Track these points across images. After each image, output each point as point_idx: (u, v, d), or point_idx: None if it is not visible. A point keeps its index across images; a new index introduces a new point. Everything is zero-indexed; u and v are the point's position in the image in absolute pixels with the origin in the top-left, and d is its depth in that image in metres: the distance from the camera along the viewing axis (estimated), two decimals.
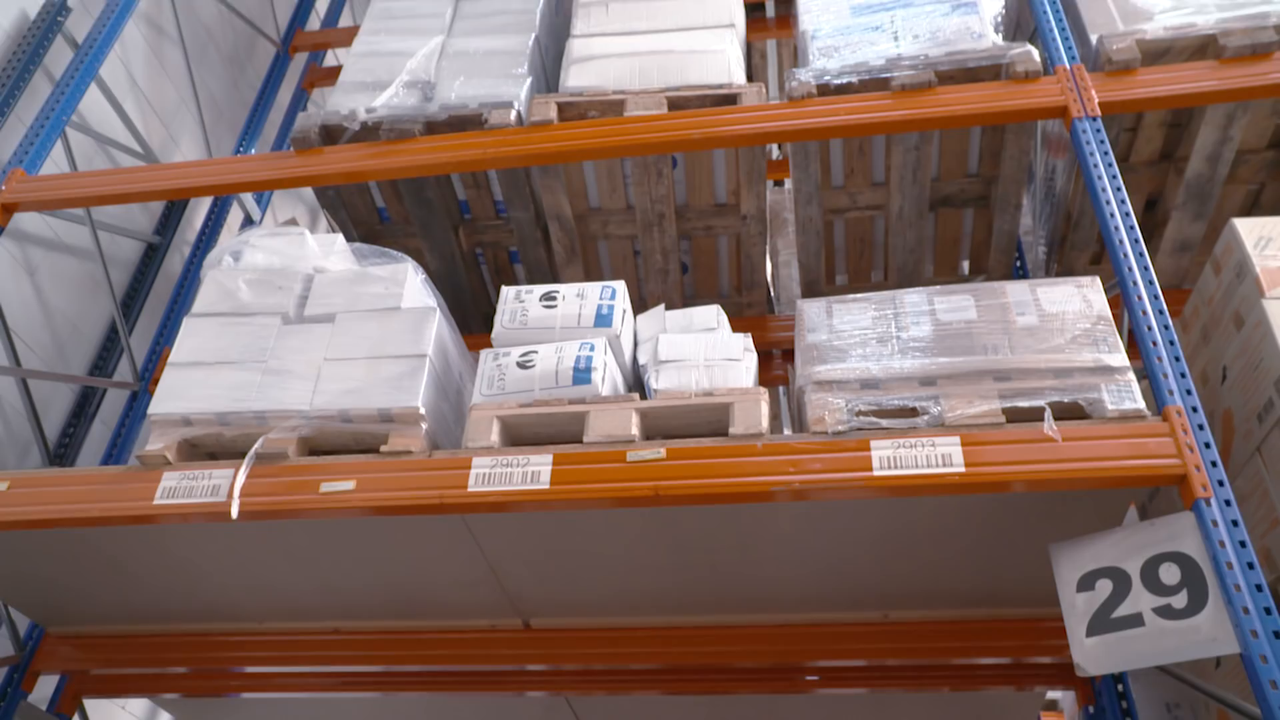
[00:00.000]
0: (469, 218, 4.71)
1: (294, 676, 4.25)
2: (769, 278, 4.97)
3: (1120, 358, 2.86)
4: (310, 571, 3.65)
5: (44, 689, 4.28)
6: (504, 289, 3.55)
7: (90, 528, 3.31)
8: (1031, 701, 4.27)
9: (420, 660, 3.88)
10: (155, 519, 3.12)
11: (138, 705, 5.18)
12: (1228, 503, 2.49)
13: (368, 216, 4.81)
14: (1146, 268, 2.98)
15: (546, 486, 2.85)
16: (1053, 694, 6.63)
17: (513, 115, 4.00)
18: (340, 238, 3.85)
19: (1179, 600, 2.48)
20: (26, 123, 4.35)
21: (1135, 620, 2.52)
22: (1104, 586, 2.62)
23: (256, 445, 3.15)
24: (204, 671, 4.30)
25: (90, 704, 4.63)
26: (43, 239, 4.66)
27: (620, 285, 3.48)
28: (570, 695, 4.35)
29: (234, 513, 3.03)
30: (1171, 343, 2.81)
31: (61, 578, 3.80)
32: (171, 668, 4.18)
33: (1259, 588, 2.35)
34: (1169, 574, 2.52)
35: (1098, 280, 3.11)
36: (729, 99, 3.96)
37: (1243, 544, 2.42)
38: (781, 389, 5.19)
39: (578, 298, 3.43)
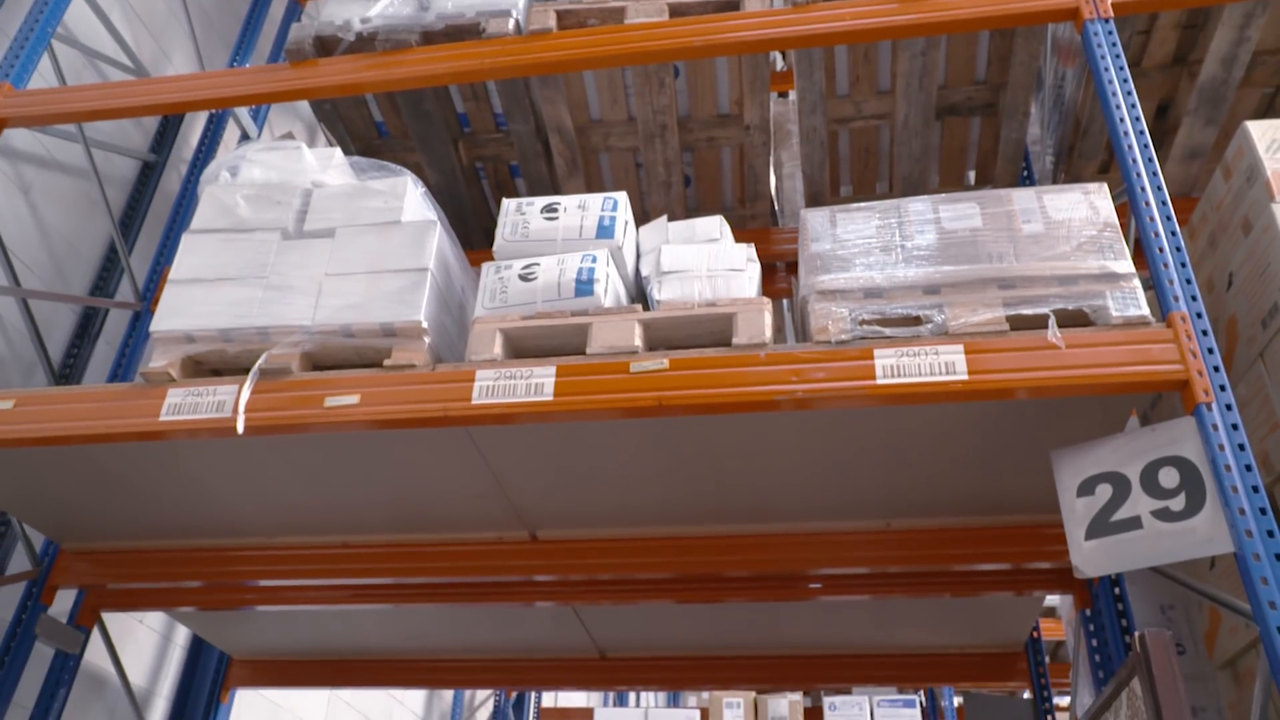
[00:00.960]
0: (468, 131, 4.64)
1: (305, 590, 4.34)
2: (772, 190, 4.91)
3: (1126, 264, 2.84)
4: (317, 486, 3.69)
5: (63, 603, 4.37)
6: (505, 201, 3.51)
7: (97, 445, 3.33)
8: (1030, 606, 4.36)
9: (428, 572, 3.94)
10: (161, 435, 3.14)
11: (155, 619, 5.29)
12: (1229, 407, 2.49)
13: (365, 131, 4.74)
14: (1155, 173, 2.94)
15: (550, 398, 2.86)
16: (1050, 600, 6.78)
17: (511, 24, 3.91)
18: (338, 151, 3.80)
19: (1177, 503, 2.50)
20: (10, 35, 4.26)
21: (1134, 523, 2.55)
22: (1104, 491, 2.65)
23: (260, 361, 3.16)
24: (217, 586, 4.38)
25: (109, 617, 4.74)
26: (35, 156, 4.60)
27: (622, 196, 3.44)
28: (577, 605, 4.44)
29: (239, 428, 3.04)
30: (1178, 248, 2.78)
31: (72, 495, 3.85)
32: (186, 582, 4.26)
33: (1255, 489, 2.37)
34: (1168, 478, 2.54)
35: (1105, 187, 3.06)
36: (731, 4, 3.86)
37: (1241, 447, 2.43)
38: (785, 302, 5.18)
39: (579, 209, 3.40)
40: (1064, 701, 8.37)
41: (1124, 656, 3.56)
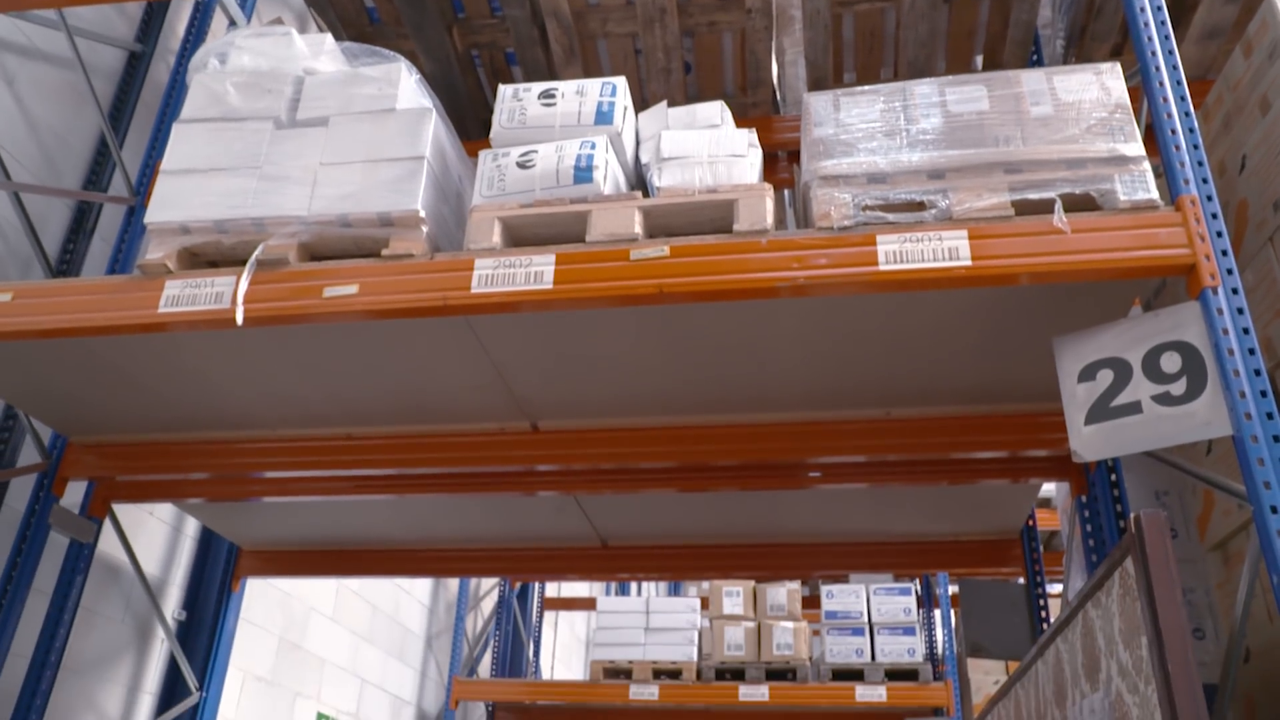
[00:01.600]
0: (463, 17, 4.51)
1: (310, 481, 4.40)
2: (774, 78, 4.79)
3: (1136, 147, 2.78)
4: (318, 378, 3.70)
5: (74, 495, 4.44)
6: (501, 87, 3.43)
7: (97, 338, 3.32)
8: (1026, 494, 4.42)
9: (431, 463, 3.99)
10: (160, 327, 3.13)
11: (165, 511, 5.39)
12: (1235, 291, 2.47)
13: (356, 17, 4.60)
14: (1171, 51, 2.85)
15: (550, 286, 2.84)
16: (1046, 490, 6.87)
17: None
18: (329, 37, 3.69)
19: (1178, 388, 2.51)
20: None
21: (1134, 408, 2.56)
22: (1105, 377, 2.65)
23: (257, 252, 3.13)
24: (224, 477, 4.44)
25: (120, 509, 4.82)
26: (16, 45, 4.48)
27: (620, 81, 3.36)
28: (579, 494, 4.50)
29: (238, 319, 3.03)
30: (1191, 130, 2.72)
31: (77, 389, 3.87)
32: (193, 474, 4.32)
33: (1257, 373, 2.37)
34: (1170, 363, 2.54)
35: (1118, 66, 2.98)
36: None
37: (1246, 331, 2.42)
38: (786, 193, 5.11)
39: (577, 95, 3.32)
40: (1057, 589, 8.59)
41: (1118, 542, 3.63)
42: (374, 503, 4.88)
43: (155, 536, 5.33)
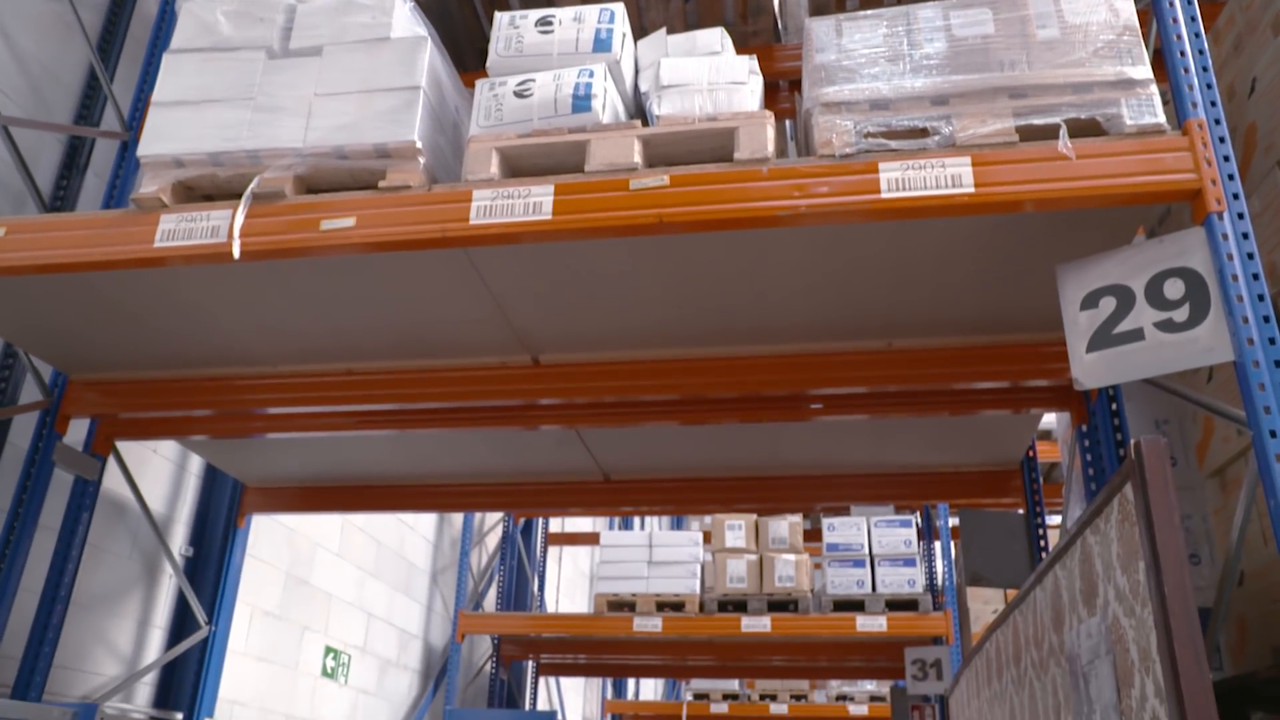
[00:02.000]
0: None
1: (312, 417, 4.41)
2: (775, 5, 4.69)
3: (1144, 70, 2.73)
4: (318, 313, 3.69)
5: (77, 433, 4.46)
6: (498, 15, 3.36)
7: (94, 273, 3.30)
8: (1026, 424, 4.43)
9: (432, 397, 3.99)
10: (157, 262, 3.11)
11: (169, 449, 5.42)
12: (1240, 215, 2.44)
13: None
14: None
15: (549, 217, 2.81)
16: (1046, 423, 6.89)
17: None
18: None
19: (1180, 314, 2.49)
20: None
21: (1136, 335, 2.55)
22: (1107, 304, 2.63)
23: (252, 185, 3.09)
24: (227, 414, 4.45)
25: (123, 447, 4.84)
26: None
27: (619, 7, 3.29)
28: (581, 428, 4.52)
29: (235, 252, 3.01)
30: (1201, 52, 2.67)
31: (75, 326, 3.86)
32: (195, 410, 4.33)
33: (1261, 298, 2.35)
34: (1173, 289, 2.52)
35: None
36: None
37: (1250, 256, 2.40)
38: (789, 123, 5.04)
39: (575, 22, 3.25)
40: (1056, 521, 8.66)
41: (1118, 469, 3.64)
42: (376, 438, 4.90)
43: (160, 474, 5.36)
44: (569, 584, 12.90)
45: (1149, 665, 2.21)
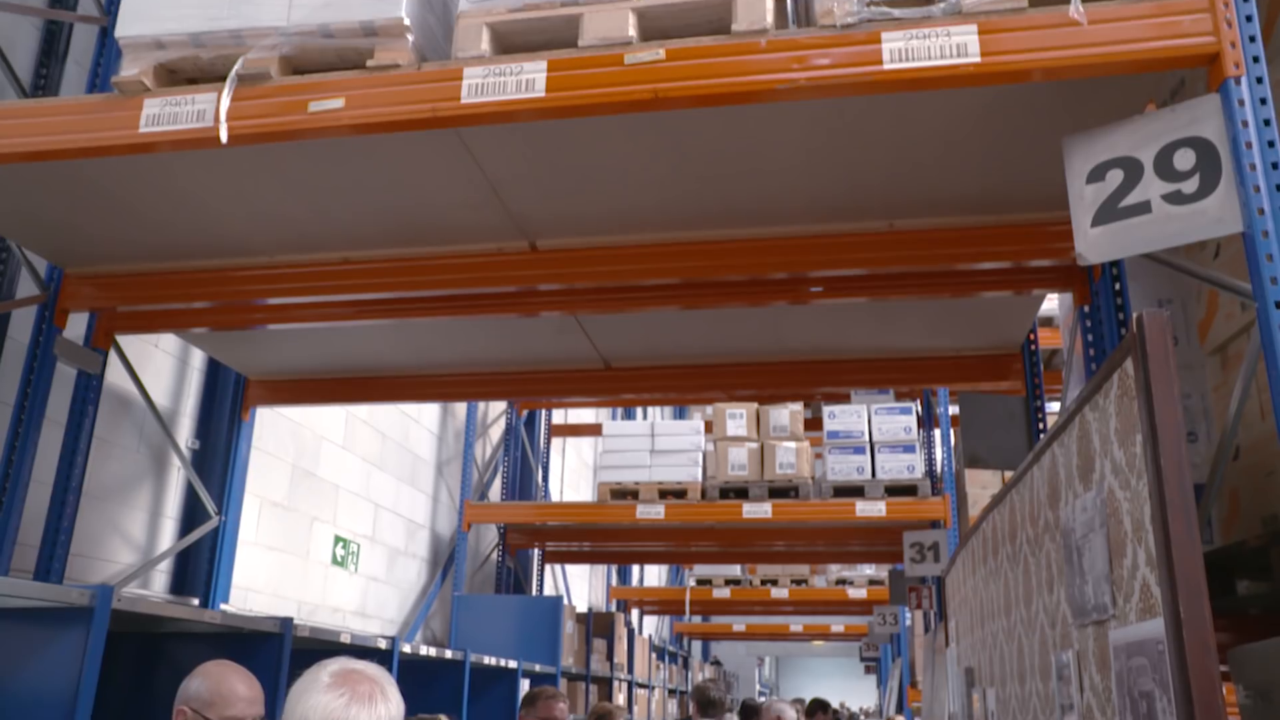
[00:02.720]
0: None
1: (310, 307, 4.39)
2: None
3: None
4: (311, 200, 3.64)
5: (77, 328, 4.45)
6: None
7: (80, 160, 3.23)
8: (1028, 306, 4.41)
9: (430, 285, 3.97)
10: (144, 148, 3.05)
11: (170, 343, 5.42)
12: (1259, 80, 2.37)
13: None
14: None
15: (542, 94, 2.73)
16: (1048, 310, 6.86)
17: None
18: None
19: (1189, 185, 2.44)
20: None
21: (1143, 208, 2.50)
22: (1114, 177, 2.58)
23: (237, 66, 3.00)
24: (225, 306, 4.43)
25: (124, 341, 4.84)
26: None
27: None
28: (581, 315, 4.50)
29: (223, 137, 2.94)
30: None
31: (67, 217, 3.81)
32: (193, 303, 4.31)
33: (1275, 166, 2.30)
34: (1183, 160, 2.46)
35: None
36: None
37: (1266, 123, 2.34)
38: None
39: None
40: (1055, 408, 8.72)
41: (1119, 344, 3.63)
42: (376, 328, 4.89)
43: (162, 368, 5.38)
44: (573, 475, 13.11)
45: (1141, 536, 2.23)
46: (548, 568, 10.86)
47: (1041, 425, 4.69)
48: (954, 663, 5.47)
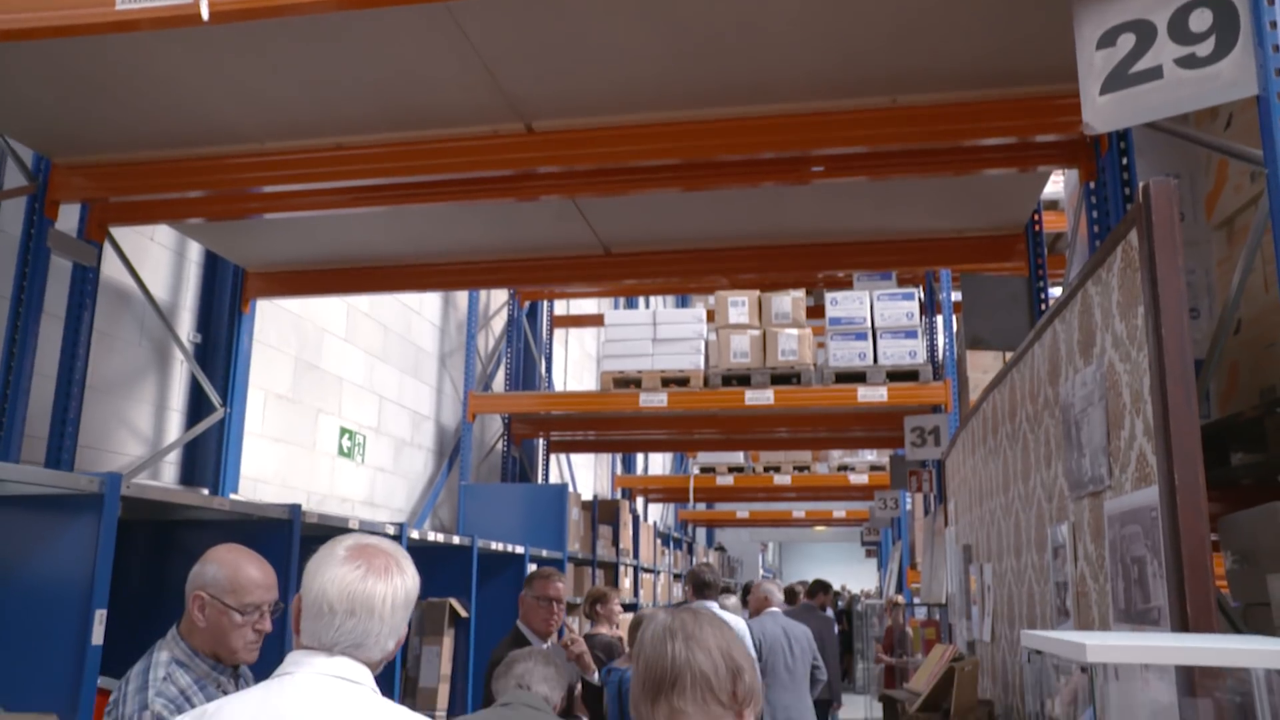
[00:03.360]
0: None
1: (304, 195, 4.33)
2: None
3: None
4: (300, 81, 3.54)
5: (69, 220, 4.40)
6: None
7: (61, 42, 3.14)
8: (1032, 185, 4.34)
9: (425, 170, 3.90)
10: (123, 26, 2.93)
11: (166, 237, 5.37)
12: None
13: None
14: None
15: None
16: (1052, 193, 6.76)
17: None
18: None
19: (1204, 48, 2.36)
20: None
21: (1154, 73, 2.43)
22: (1125, 41, 2.49)
23: None
24: (219, 195, 4.37)
25: (119, 234, 4.80)
26: None
27: None
28: (579, 198, 4.44)
29: (204, 13, 2.84)
30: None
31: (51, 105, 3.72)
32: (187, 192, 4.25)
33: None
34: (1199, 21, 2.37)
35: None
36: None
37: None
38: None
39: None
40: (1058, 293, 8.68)
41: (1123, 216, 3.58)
42: (373, 217, 4.84)
43: (160, 262, 5.35)
44: (576, 366, 13.17)
45: (1140, 406, 2.24)
46: (553, 458, 11.01)
47: (1044, 307, 4.67)
48: (953, 543, 5.58)
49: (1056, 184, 6.64)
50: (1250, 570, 2.54)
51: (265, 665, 1.96)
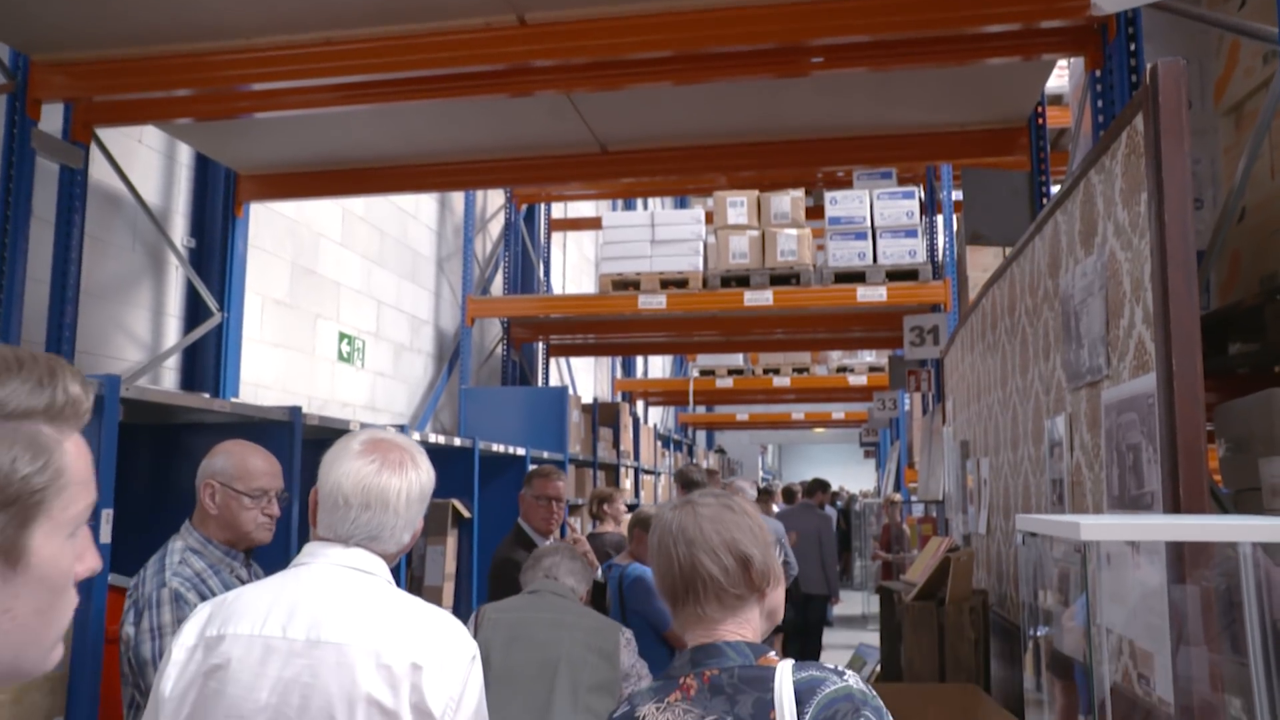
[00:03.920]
0: None
1: (295, 93, 4.24)
2: None
3: None
4: None
5: (53, 122, 4.32)
6: None
7: None
8: (1035, 75, 4.25)
9: (416, 65, 3.81)
10: None
11: (155, 139, 5.28)
12: None
13: None
14: None
15: None
16: (1056, 87, 6.63)
17: None
18: None
19: None
20: None
21: None
22: None
23: None
24: (208, 94, 4.28)
25: (107, 137, 4.71)
26: None
27: None
28: (574, 94, 4.35)
29: None
30: None
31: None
32: (174, 90, 4.16)
33: None
34: None
35: None
36: None
37: None
38: None
39: None
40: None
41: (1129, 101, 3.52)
42: (365, 116, 4.74)
43: (150, 166, 5.27)
44: (575, 271, 13.12)
45: (1140, 294, 2.23)
46: (553, 362, 11.05)
47: (1045, 202, 4.62)
48: (950, 440, 5.64)
49: (1061, 78, 6.50)
50: (1243, 457, 2.57)
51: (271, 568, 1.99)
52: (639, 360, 17.17)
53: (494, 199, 9.89)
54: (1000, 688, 3.73)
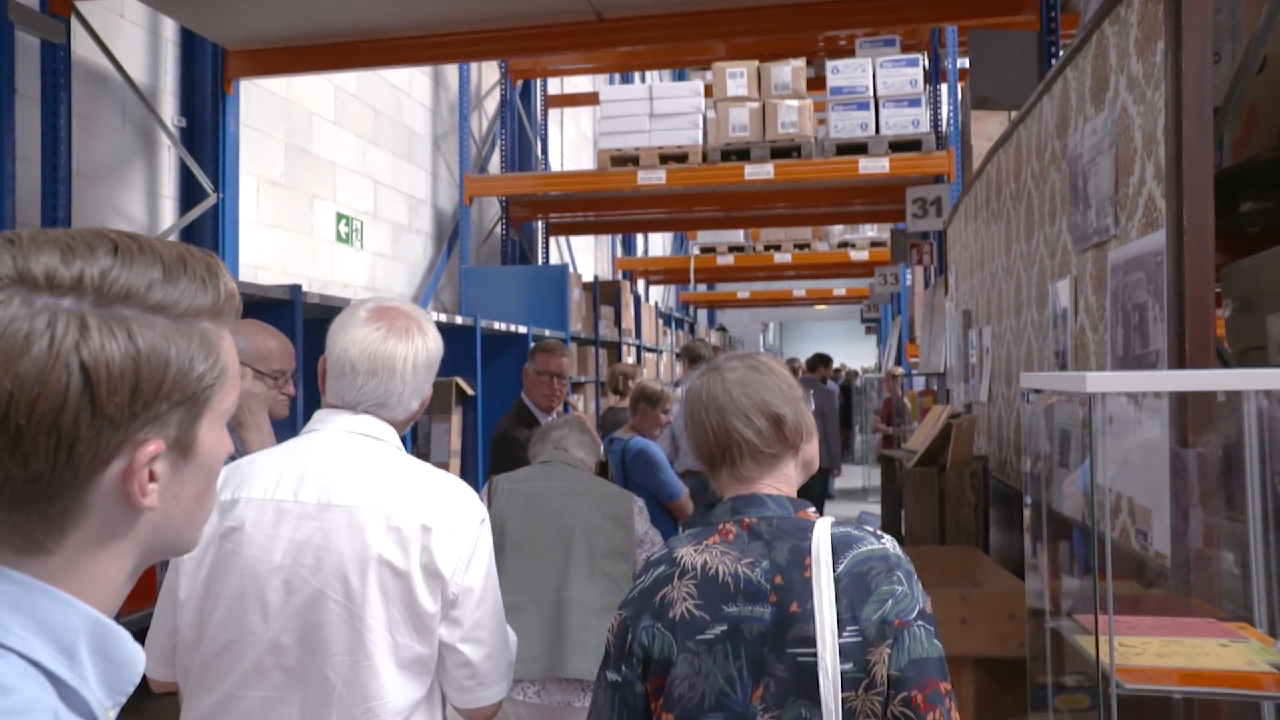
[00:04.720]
0: None
1: None
2: None
3: None
4: None
5: None
6: None
7: None
8: None
9: None
10: None
11: (138, 13, 5.09)
12: None
13: None
14: None
15: None
16: None
17: None
18: None
19: None
20: None
21: None
22: None
23: None
24: None
25: (88, 11, 4.55)
26: None
27: None
28: None
29: None
30: None
31: None
32: None
33: None
34: None
35: None
36: None
37: None
38: None
39: None
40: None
41: None
42: None
43: (134, 42, 5.11)
44: (573, 148, 12.89)
45: (1152, 149, 2.18)
46: (552, 241, 10.96)
47: (1053, 64, 4.49)
48: (952, 311, 5.63)
49: None
50: (1250, 316, 2.56)
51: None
52: (639, 238, 17.05)
53: (489, 75, 9.63)
54: (999, 551, 3.83)
